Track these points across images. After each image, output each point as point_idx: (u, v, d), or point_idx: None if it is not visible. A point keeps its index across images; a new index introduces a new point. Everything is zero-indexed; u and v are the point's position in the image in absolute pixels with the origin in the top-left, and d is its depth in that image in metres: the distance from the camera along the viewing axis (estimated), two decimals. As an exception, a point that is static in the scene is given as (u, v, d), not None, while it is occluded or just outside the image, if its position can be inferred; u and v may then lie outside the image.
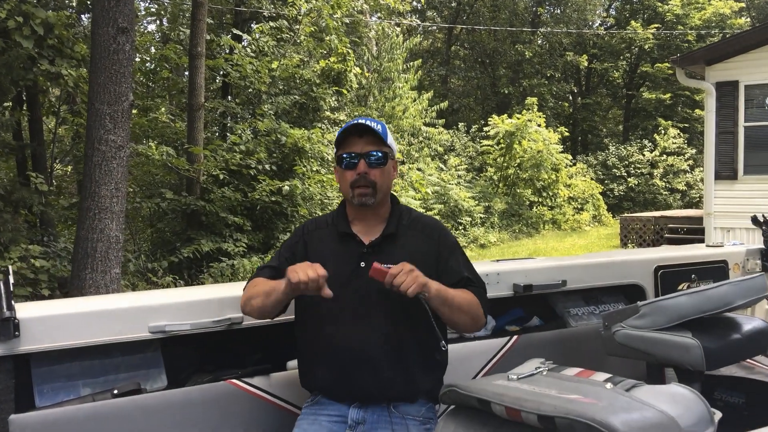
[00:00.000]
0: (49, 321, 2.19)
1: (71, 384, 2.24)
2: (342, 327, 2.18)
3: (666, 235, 14.92)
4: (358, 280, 2.19)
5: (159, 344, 2.39)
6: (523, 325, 3.10)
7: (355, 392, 2.18)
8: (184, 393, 2.30)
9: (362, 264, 2.20)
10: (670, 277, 3.29)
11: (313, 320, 2.23)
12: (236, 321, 2.41)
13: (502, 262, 3.19)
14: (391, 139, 2.28)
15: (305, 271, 1.97)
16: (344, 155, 2.23)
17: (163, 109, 14.10)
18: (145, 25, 21.18)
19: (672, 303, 2.55)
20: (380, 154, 2.22)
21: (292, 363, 2.43)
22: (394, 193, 2.44)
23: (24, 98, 10.20)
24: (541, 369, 1.79)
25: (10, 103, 9.55)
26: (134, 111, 14.46)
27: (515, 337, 2.90)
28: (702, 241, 13.22)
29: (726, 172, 11.92)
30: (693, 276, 3.40)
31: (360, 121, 2.22)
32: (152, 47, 17.28)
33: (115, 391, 2.23)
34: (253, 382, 2.38)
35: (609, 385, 1.62)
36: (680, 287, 3.31)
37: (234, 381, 2.36)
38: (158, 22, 20.33)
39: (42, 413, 2.11)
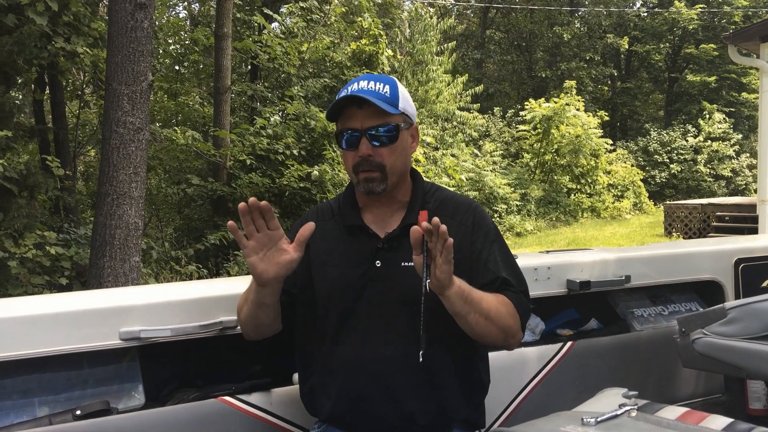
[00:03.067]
0: None
1: (24, 403, 1.82)
2: (354, 344, 1.71)
3: (713, 223, 14.18)
4: (374, 284, 1.71)
5: (134, 354, 1.95)
6: (578, 329, 2.61)
7: (371, 423, 1.71)
8: (165, 413, 1.87)
9: (378, 263, 1.72)
10: (753, 272, 2.76)
11: (317, 335, 1.77)
12: (229, 325, 1.96)
13: (553, 253, 2.69)
14: (404, 100, 1.74)
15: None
16: (341, 133, 1.73)
17: (194, 95, 13.82)
18: (178, 10, 21.01)
19: (771, 306, 2.05)
20: (388, 128, 1.70)
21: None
22: (424, 179, 1.90)
23: (46, 80, 9.93)
24: (627, 408, 1.29)
25: (29, 84, 9.29)
26: (164, 96, 14.25)
27: (569, 343, 2.42)
28: (753, 230, 12.48)
29: (783, 156, 11.16)
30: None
31: (354, 87, 1.70)
32: (182, 31, 17.00)
33: (78, 412, 1.80)
34: (250, 399, 1.94)
35: (733, 439, 1.13)
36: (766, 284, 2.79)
37: (226, 398, 1.92)
38: (187, 4, 20.07)
39: (-14, 439, 1.69)
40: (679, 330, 2.22)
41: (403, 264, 1.69)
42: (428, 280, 1.48)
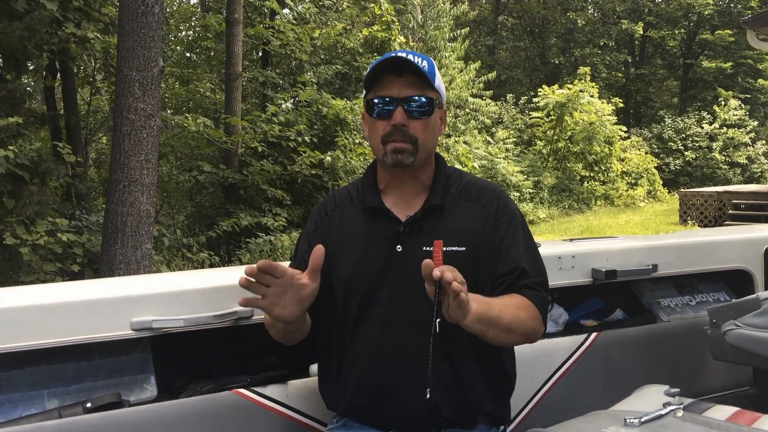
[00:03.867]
0: (5, 315, 1.71)
1: (34, 395, 1.76)
2: (375, 332, 1.64)
3: (729, 211, 14.01)
4: (395, 270, 1.64)
5: (146, 344, 1.89)
6: (603, 320, 2.53)
7: (394, 417, 1.64)
8: (177, 406, 1.80)
9: (399, 248, 1.65)
10: (785, 262, 2.67)
11: (337, 323, 1.70)
12: (244, 315, 1.89)
13: (577, 241, 2.61)
14: (439, 81, 1.69)
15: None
16: (375, 100, 1.64)
17: (205, 82, 13.76)
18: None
19: (810, 297, 1.96)
20: (424, 100, 1.63)
21: (316, 368, 1.90)
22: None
23: (57, 67, 9.89)
24: (673, 408, 1.21)
25: (40, 71, 9.25)
26: (175, 82, 14.20)
27: (594, 334, 2.34)
28: (770, 218, 12.32)
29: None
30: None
31: (399, 54, 1.63)
32: (193, 17, 16.92)
33: (89, 405, 1.74)
34: (266, 391, 1.88)
35: (792, 442, 1.05)
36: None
37: (242, 390, 1.85)
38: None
39: (-5, 433, 1.63)
40: (710, 321, 2.13)
41: (424, 248, 1.61)
42: (437, 320, 1.40)
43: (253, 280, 1.46)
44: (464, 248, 1.63)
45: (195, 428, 1.79)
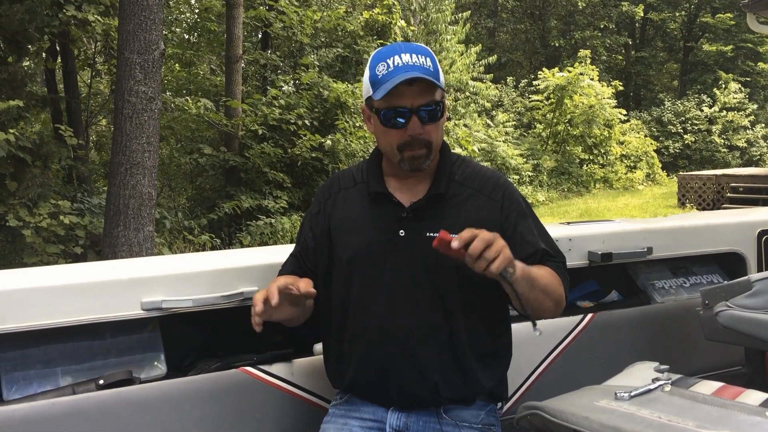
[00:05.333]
0: (20, 295, 1.77)
1: (48, 373, 1.83)
2: (377, 313, 1.69)
3: (728, 194, 14.06)
4: (398, 254, 1.69)
5: (156, 324, 1.95)
6: (599, 301, 2.59)
7: (395, 394, 1.71)
8: (186, 383, 1.87)
9: (401, 233, 1.70)
10: (777, 245, 2.73)
11: (341, 304, 1.75)
12: (251, 295, 1.95)
13: (574, 224, 2.66)
14: (441, 72, 1.70)
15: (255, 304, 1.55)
16: (387, 111, 1.64)
17: (205, 65, 13.72)
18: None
19: (799, 279, 2.02)
20: (437, 105, 1.64)
21: (320, 346, 1.96)
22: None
23: (57, 49, 9.88)
24: (661, 383, 1.27)
25: (41, 54, 9.24)
26: (175, 65, 14.17)
27: (590, 315, 2.40)
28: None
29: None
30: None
31: (399, 63, 1.61)
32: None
33: (101, 382, 1.81)
34: (272, 369, 1.94)
35: (771, 414, 1.10)
36: (790, 257, 2.75)
37: (248, 369, 1.92)
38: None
39: (11, 408, 1.69)
40: (702, 302, 2.19)
41: (428, 234, 1.65)
42: (510, 271, 1.46)
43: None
44: None
45: (203, 405, 1.85)
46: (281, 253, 1.94)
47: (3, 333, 1.75)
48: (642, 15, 29.93)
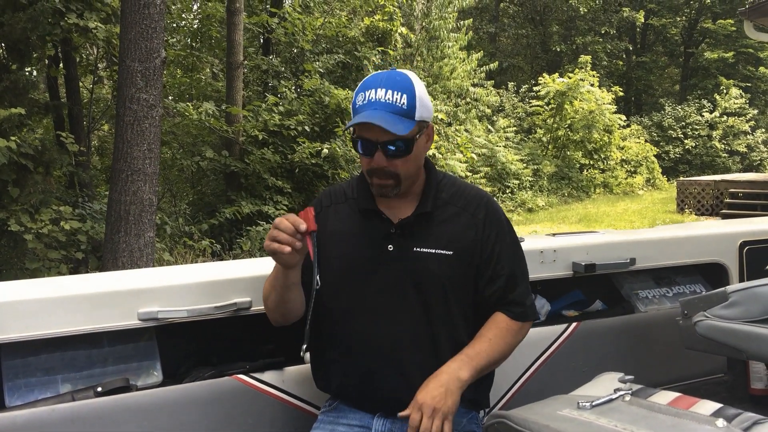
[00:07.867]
0: (23, 306, 1.85)
1: (48, 380, 1.90)
2: (365, 322, 1.78)
3: (726, 200, 14.12)
4: (385, 266, 1.77)
5: (152, 334, 2.03)
6: (583, 310, 2.66)
7: (380, 400, 1.79)
8: (181, 390, 1.94)
9: (390, 247, 1.78)
10: (759, 256, 2.79)
11: (329, 312, 1.83)
12: (243, 306, 2.03)
13: (560, 236, 2.74)
14: (421, 105, 1.71)
15: (275, 234, 1.61)
16: (357, 140, 1.73)
17: (206, 70, 13.80)
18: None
19: (771, 290, 2.09)
20: (401, 145, 1.69)
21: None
22: (437, 155, 1.95)
23: (60, 56, 9.97)
24: (622, 393, 1.35)
25: (43, 61, 9.32)
26: (176, 69, 14.26)
27: (574, 324, 2.48)
28: (767, 207, 12.42)
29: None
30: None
31: (372, 97, 1.67)
32: (195, 4, 16.92)
33: (99, 389, 1.88)
34: (264, 377, 2.02)
35: (721, 423, 1.18)
36: (772, 268, 2.82)
37: (241, 376, 2.00)
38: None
39: (12, 414, 1.77)
40: (682, 312, 2.26)
41: (415, 249, 1.76)
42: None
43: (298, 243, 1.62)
44: (451, 252, 1.77)
45: (197, 411, 1.93)
46: (272, 264, 2.01)
47: (6, 342, 1.83)
48: (643, 20, 30.04)
